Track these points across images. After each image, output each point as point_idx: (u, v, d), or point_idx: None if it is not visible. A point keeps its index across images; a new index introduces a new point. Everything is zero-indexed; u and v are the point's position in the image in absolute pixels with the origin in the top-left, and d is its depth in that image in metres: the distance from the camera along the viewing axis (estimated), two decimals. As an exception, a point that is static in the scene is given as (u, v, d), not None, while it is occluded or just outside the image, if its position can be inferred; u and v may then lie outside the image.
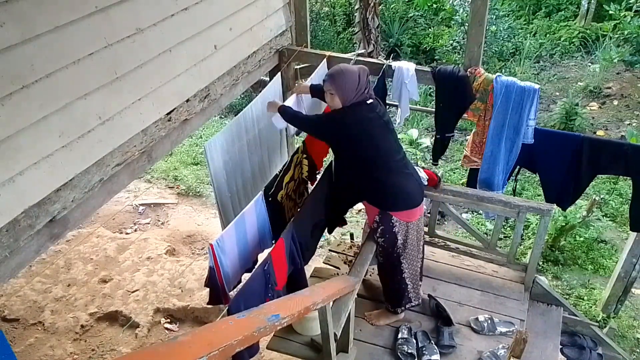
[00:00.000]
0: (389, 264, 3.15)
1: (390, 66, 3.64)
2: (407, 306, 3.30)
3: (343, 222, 3.51)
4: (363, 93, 2.86)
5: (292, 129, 3.42)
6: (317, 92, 3.28)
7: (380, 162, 2.88)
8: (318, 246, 3.45)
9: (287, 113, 3.07)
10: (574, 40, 8.20)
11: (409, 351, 3.10)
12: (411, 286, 3.22)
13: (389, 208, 2.96)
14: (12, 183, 2.06)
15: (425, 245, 3.80)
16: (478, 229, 4.58)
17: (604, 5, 8.10)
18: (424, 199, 3.14)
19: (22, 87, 2.02)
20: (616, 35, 7.85)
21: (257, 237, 2.94)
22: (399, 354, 3.11)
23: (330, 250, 4.11)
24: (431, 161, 4.37)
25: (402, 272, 3.15)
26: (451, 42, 7.99)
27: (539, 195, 5.14)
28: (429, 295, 3.41)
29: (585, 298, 4.48)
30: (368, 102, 2.87)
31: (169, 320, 4.36)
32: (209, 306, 2.98)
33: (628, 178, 3.69)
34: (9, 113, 1.99)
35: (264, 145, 3.55)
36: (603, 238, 5.01)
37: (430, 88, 6.72)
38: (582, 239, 4.91)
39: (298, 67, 4.02)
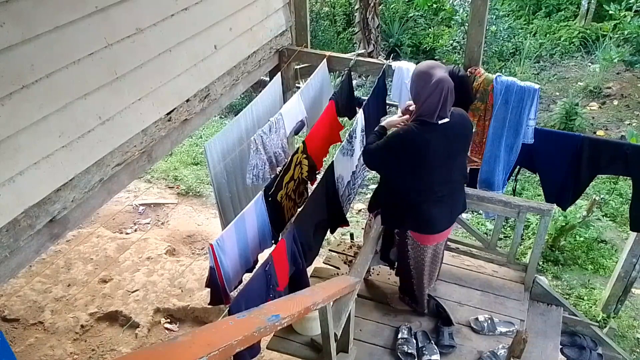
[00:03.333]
0: (400, 260, 3.21)
1: (390, 66, 3.64)
2: (411, 304, 3.38)
3: (345, 223, 3.51)
4: (434, 111, 2.55)
5: (294, 129, 3.42)
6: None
7: (418, 189, 2.75)
8: (320, 247, 3.45)
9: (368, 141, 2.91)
10: (574, 40, 8.20)
11: (409, 351, 3.10)
12: (418, 293, 3.28)
13: (401, 228, 2.96)
14: (12, 183, 2.06)
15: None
16: (478, 229, 4.58)
17: (604, 5, 8.09)
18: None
19: (22, 87, 2.02)
20: (616, 35, 7.85)
21: (257, 237, 2.94)
22: (399, 354, 3.11)
23: (330, 250, 4.11)
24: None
25: (411, 278, 3.20)
26: (451, 42, 7.99)
27: (539, 195, 5.14)
28: (429, 296, 3.41)
29: (585, 298, 4.48)
30: (440, 122, 2.58)
31: (169, 320, 4.36)
32: (209, 306, 2.98)
33: (628, 178, 3.69)
34: (9, 113, 1.99)
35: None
36: (603, 238, 5.01)
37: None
38: (582, 239, 4.91)
39: (298, 67, 4.02)
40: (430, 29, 8.60)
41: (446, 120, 2.60)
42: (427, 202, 2.78)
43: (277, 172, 3.05)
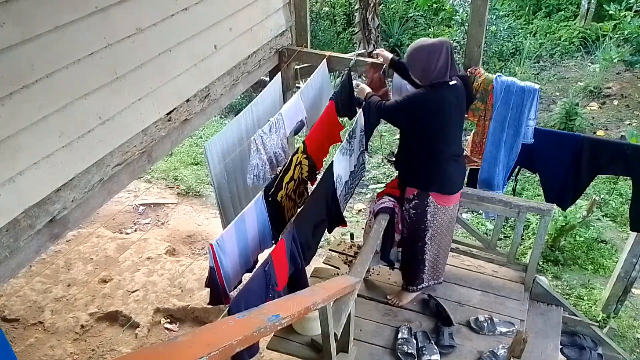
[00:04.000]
0: (411, 240, 3.22)
1: (390, 66, 3.63)
2: (418, 287, 3.37)
3: (343, 223, 3.51)
4: (445, 72, 2.76)
5: (293, 128, 3.42)
6: (398, 67, 3.28)
7: (440, 148, 2.91)
8: (318, 246, 3.45)
9: (372, 102, 3.05)
10: (574, 40, 8.20)
11: (409, 351, 3.10)
12: (428, 268, 3.30)
13: (428, 189, 3.01)
14: (12, 183, 2.06)
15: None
16: (478, 229, 4.58)
17: (604, 5, 8.10)
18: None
19: (22, 87, 2.02)
20: (616, 35, 7.85)
21: (257, 237, 2.94)
22: (399, 354, 3.11)
23: (330, 250, 4.11)
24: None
25: (423, 252, 3.22)
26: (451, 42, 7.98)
27: (539, 195, 5.14)
28: (429, 295, 3.41)
29: (585, 298, 4.47)
30: (451, 83, 2.79)
31: (169, 320, 4.36)
32: (209, 306, 2.98)
33: (628, 178, 3.69)
34: (9, 113, 1.99)
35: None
36: (603, 238, 5.01)
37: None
38: (582, 239, 4.91)
39: (298, 67, 4.01)
40: (430, 29, 8.59)
41: (454, 82, 2.81)
42: (447, 161, 2.95)
43: (277, 172, 3.05)
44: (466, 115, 3.57)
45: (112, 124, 2.48)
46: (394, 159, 3.33)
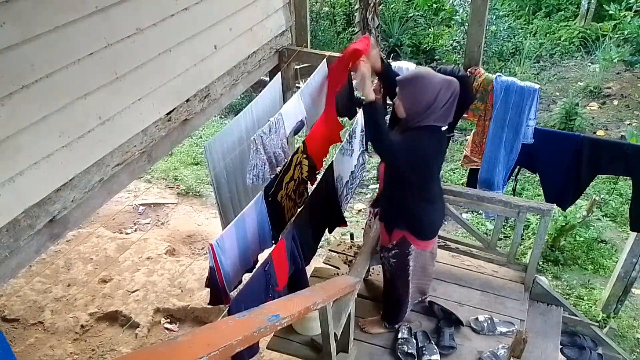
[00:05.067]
0: (394, 282, 3.12)
1: (390, 66, 3.63)
2: (395, 325, 3.27)
3: (344, 223, 3.51)
4: (441, 116, 2.48)
5: (293, 129, 3.41)
6: (386, 78, 2.88)
7: (427, 192, 2.78)
8: (318, 246, 3.45)
9: (374, 115, 2.59)
10: (574, 40, 8.20)
11: (409, 351, 3.10)
12: (410, 303, 3.22)
13: (412, 236, 2.88)
14: (12, 183, 2.06)
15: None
16: (478, 229, 4.58)
17: (604, 5, 8.10)
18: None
19: (22, 87, 2.02)
20: (616, 35, 7.85)
21: (257, 237, 2.94)
22: (399, 354, 3.11)
23: (330, 250, 4.11)
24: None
25: (407, 294, 3.13)
26: (451, 42, 7.99)
27: (539, 195, 5.14)
28: (430, 302, 3.40)
29: (585, 298, 4.48)
30: (443, 128, 2.56)
31: (169, 320, 4.36)
32: (209, 306, 2.98)
33: (628, 178, 3.69)
34: (9, 113, 1.99)
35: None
36: (603, 238, 5.01)
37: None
38: (582, 239, 4.91)
39: (298, 67, 4.02)
40: (430, 29, 8.59)
41: (446, 127, 2.59)
42: (432, 206, 2.86)
43: (277, 172, 3.05)
44: (466, 115, 3.58)
45: (112, 124, 2.48)
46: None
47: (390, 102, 3.96)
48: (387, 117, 4.05)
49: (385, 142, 2.56)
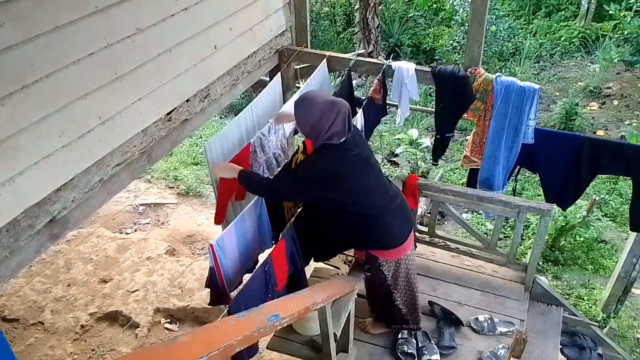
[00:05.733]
0: (378, 297, 3.02)
1: (390, 66, 3.64)
2: (403, 326, 3.14)
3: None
4: (336, 133, 2.46)
5: (292, 129, 3.42)
6: None
7: (361, 206, 2.58)
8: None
9: (248, 179, 2.66)
10: (574, 40, 8.20)
11: (409, 351, 3.10)
12: (406, 310, 3.05)
13: (373, 249, 2.77)
14: (12, 183, 2.06)
15: (425, 246, 3.82)
16: (478, 229, 4.58)
17: (604, 5, 8.10)
18: (413, 223, 2.94)
19: (22, 87, 2.02)
20: (616, 35, 7.85)
21: (257, 238, 2.94)
22: (399, 354, 3.11)
23: (330, 250, 4.10)
24: (431, 161, 4.38)
25: (394, 301, 2.99)
26: (451, 42, 8.00)
27: (539, 195, 5.14)
28: (430, 302, 3.40)
29: (585, 298, 4.48)
30: (340, 141, 2.49)
31: (169, 320, 4.36)
32: (209, 306, 2.98)
33: (628, 178, 3.69)
34: (9, 113, 1.99)
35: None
36: (603, 238, 5.01)
37: (430, 88, 6.72)
38: (582, 239, 4.91)
39: (298, 67, 4.02)
40: (430, 29, 8.60)
41: (344, 138, 2.50)
42: (382, 216, 2.64)
43: (277, 172, 3.05)
44: (466, 115, 3.58)
45: (112, 124, 2.48)
46: (394, 158, 3.14)
47: (390, 102, 3.98)
48: (384, 118, 4.08)
49: (272, 187, 2.67)
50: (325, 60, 3.77)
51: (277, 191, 2.68)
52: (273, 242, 3.03)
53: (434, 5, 8.99)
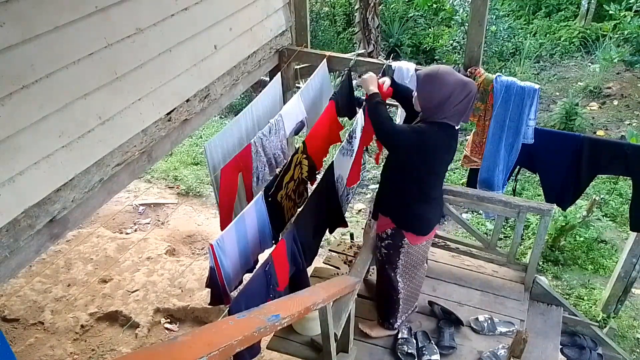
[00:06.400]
0: (383, 273, 3.09)
1: (390, 66, 3.64)
2: (393, 326, 3.21)
3: (344, 224, 3.51)
4: (459, 119, 2.55)
5: (293, 129, 3.42)
6: (398, 93, 2.90)
7: (426, 191, 2.76)
8: (319, 246, 3.44)
9: (375, 106, 2.66)
10: (574, 40, 8.21)
11: (409, 351, 3.10)
12: (402, 307, 3.15)
13: (406, 229, 2.87)
14: (12, 183, 2.06)
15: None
16: (478, 229, 4.58)
17: (604, 5, 8.10)
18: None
19: (22, 87, 2.02)
20: (616, 35, 7.85)
21: (258, 237, 2.94)
22: (399, 354, 3.11)
23: (330, 250, 4.11)
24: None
25: (397, 290, 3.07)
26: (451, 42, 7.99)
27: (539, 195, 5.14)
28: (430, 302, 3.40)
29: (585, 298, 4.48)
30: (457, 127, 2.61)
31: (169, 320, 4.36)
32: (209, 306, 2.98)
33: (628, 178, 3.69)
34: (9, 113, 1.99)
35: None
36: (603, 238, 5.01)
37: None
38: (582, 239, 4.91)
39: (298, 67, 4.01)
40: (430, 29, 8.60)
41: (459, 127, 2.64)
42: (430, 204, 2.84)
43: (277, 173, 3.05)
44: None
45: (112, 124, 2.48)
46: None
47: (390, 103, 3.98)
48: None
49: (385, 126, 2.62)
50: (325, 60, 3.76)
51: (391, 136, 2.63)
52: (273, 242, 3.03)
53: (434, 5, 8.99)
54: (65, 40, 2.15)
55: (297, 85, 4.03)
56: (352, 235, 4.21)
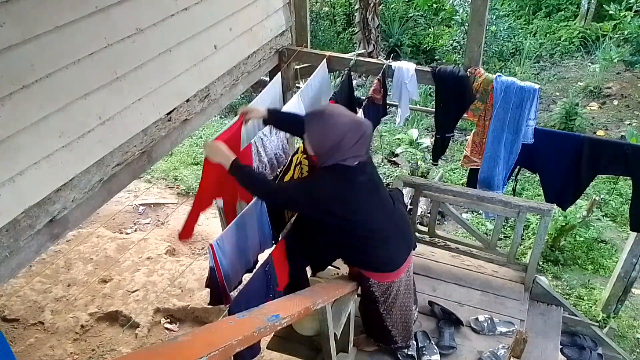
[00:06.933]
0: (368, 313, 2.91)
1: (390, 66, 3.64)
2: (392, 346, 3.03)
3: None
4: (349, 157, 2.26)
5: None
6: (276, 120, 2.71)
7: (360, 230, 2.43)
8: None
9: (237, 172, 2.38)
10: (574, 40, 8.21)
11: (409, 352, 3.10)
12: (396, 332, 2.92)
13: (366, 270, 2.63)
14: (12, 183, 2.06)
15: (425, 246, 3.82)
16: (478, 229, 4.58)
17: (604, 5, 8.10)
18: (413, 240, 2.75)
19: (22, 87, 2.02)
20: (616, 35, 7.85)
21: (258, 237, 2.94)
22: (398, 354, 3.11)
23: (330, 250, 4.10)
24: (431, 161, 4.37)
25: (383, 321, 2.85)
26: (451, 42, 8.00)
27: (539, 195, 5.14)
28: (430, 302, 3.40)
29: (585, 298, 4.48)
30: (355, 163, 2.29)
31: (169, 320, 4.36)
32: (209, 306, 2.98)
33: (628, 178, 3.69)
34: (9, 113, 1.99)
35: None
36: (603, 238, 5.01)
37: (430, 88, 6.72)
38: (582, 239, 4.91)
39: (298, 67, 4.02)
40: (430, 29, 8.60)
41: (358, 161, 2.31)
42: (380, 241, 2.51)
43: (278, 173, 3.04)
44: (466, 115, 3.58)
45: (112, 124, 2.48)
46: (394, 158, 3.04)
47: (390, 102, 3.98)
48: (384, 118, 4.07)
49: (263, 186, 2.45)
50: (325, 60, 3.76)
51: (275, 194, 2.48)
52: (273, 242, 3.03)
53: (434, 5, 8.99)
54: (65, 40, 2.15)
55: (297, 85, 4.03)
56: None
